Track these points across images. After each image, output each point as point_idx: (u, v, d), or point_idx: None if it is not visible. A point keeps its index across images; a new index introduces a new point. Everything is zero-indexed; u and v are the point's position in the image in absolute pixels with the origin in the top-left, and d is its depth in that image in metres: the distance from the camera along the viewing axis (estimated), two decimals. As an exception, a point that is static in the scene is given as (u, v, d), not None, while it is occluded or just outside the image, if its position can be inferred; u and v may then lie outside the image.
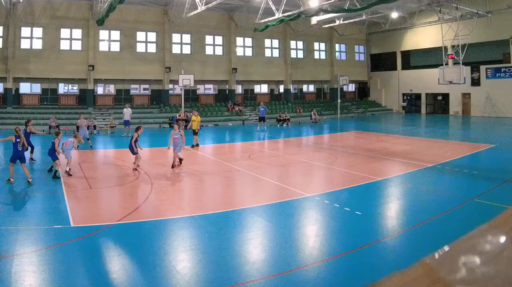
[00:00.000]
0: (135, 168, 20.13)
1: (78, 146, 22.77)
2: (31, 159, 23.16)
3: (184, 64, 47.99)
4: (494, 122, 46.12)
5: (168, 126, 43.48)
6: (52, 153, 19.98)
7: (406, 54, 60.67)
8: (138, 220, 13.40)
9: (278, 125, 46.47)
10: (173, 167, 20.78)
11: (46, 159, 22.52)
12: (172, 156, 21.98)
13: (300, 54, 60.08)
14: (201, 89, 55.36)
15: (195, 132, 29.52)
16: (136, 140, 20.50)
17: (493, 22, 47.77)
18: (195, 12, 40.18)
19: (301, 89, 63.06)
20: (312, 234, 12.42)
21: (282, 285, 9.15)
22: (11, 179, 17.70)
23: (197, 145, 29.38)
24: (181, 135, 21.94)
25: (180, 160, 22.37)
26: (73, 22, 46.18)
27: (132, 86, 51.48)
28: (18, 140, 18.29)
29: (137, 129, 21.21)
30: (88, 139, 28.78)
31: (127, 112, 37.60)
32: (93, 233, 11.97)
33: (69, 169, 20.12)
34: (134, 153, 20.36)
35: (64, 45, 46.56)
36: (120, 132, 37.41)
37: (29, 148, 23.14)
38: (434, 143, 31.43)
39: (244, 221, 13.57)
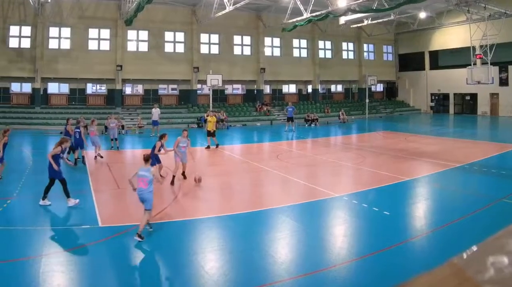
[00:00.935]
0: (184, 176, 18.99)
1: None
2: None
3: (212, 64, 47.82)
4: (523, 123, 45.77)
5: (196, 126, 43.74)
6: (80, 142, 22.20)
7: (434, 54, 60.22)
8: (166, 220, 13.45)
9: (306, 125, 46.33)
10: (172, 183, 17.76)
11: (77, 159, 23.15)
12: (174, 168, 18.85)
13: (328, 54, 59.80)
14: (229, 89, 55.23)
15: (210, 133, 29.20)
16: (159, 150, 18.18)
17: (522, 22, 47.32)
18: (223, 12, 40.03)
19: (329, 89, 62.74)
20: (340, 234, 12.47)
21: (310, 285, 9.18)
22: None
23: (217, 145, 28.99)
24: (187, 144, 19.55)
25: (184, 173, 19.35)
26: (101, 22, 46.41)
27: (160, 86, 51.51)
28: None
29: (161, 137, 18.53)
30: (116, 139, 28.42)
31: (156, 112, 37.57)
32: (121, 233, 12.05)
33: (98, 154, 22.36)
34: (156, 162, 17.82)
35: (92, 45, 46.76)
36: (148, 132, 37.47)
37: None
38: (462, 143, 31.28)
39: (272, 221, 13.62)
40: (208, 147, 28.82)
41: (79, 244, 11.26)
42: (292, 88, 59.41)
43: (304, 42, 57.29)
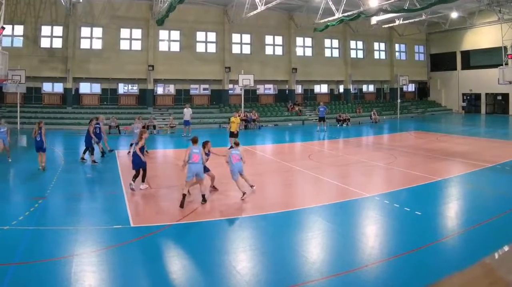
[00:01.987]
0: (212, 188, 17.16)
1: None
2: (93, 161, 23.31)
3: (244, 64, 48.00)
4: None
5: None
6: (100, 137, 23.51)
7: (466, 54, 59.70)
8: (198, 220, 13.50)
9: (338, 125, 46.27)
10: (181, 205, 14.46)
11: (107, 159, 23.52)
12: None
13: (360, 54, 59.73)
14: (261, 89, 55.41)
15: (233, 134, 28.58)
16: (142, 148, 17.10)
17: (554, 22, 46.81)
18: (255, 12, 40.12)
19: (361, 89, 62.69)
20: (372, 234, 12.48)
21: (341, 285, 9.16)
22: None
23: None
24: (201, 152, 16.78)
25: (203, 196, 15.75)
26: (133, 22, 46.80)
27: (192, 86, 51.69)
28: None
29: (204, 145, 16.53)
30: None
31: (187, 112, 37.55)
32: (153, 233, 12.14)
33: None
34: (140, 164, 16.65)
35: (124, 45, 47.24)
36: (180, 132, 37.38)
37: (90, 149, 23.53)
38: (494, 143, 31.10)
39: (304, 221, 13.57)
40: (230, 148, 28.36)
41: (110, 244, 11.26)
42: (324, 88, 59.33)
43: (335, 42, 57.27)
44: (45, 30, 44.85)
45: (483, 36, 55.03)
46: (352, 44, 58.48)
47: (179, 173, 18.71)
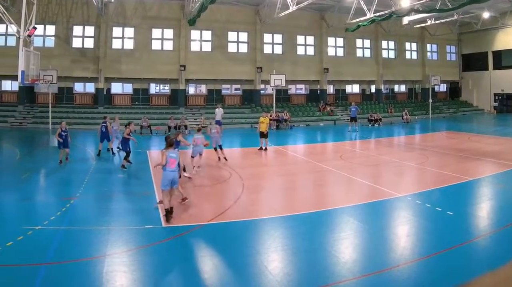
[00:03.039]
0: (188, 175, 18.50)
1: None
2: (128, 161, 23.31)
3: (275, 64, 48.21)
4: None
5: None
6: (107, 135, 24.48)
7: (498, 54, 59.09)
8: (230, 220, 13.58)
9: (370, 125, 46.27)
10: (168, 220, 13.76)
11: (139, 160, 23.68)
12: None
13: (392, 54, 59.53)
14: (292, 89, 55.49)
15: (263, 135, 28.63)
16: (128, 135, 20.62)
17: None
18: (286, 12, 40.00)
19: (393, 89, 62.55)
20: (404, 234, 12.47)
21: (373, 285, 9.20)
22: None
23: (266, 148, 28.59)
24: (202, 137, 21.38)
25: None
26: (164, 22, 47.02)
27: (224, 86, 51.89)
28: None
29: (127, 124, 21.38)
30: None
31: (219, 112, 38.02)
32: (185, 233, 12.27)
33: None
34: (126, 149, 20.16)
35: (156, 45, 47.47)
36: None
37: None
38: (527, 143, 30.98)
39: (335, 221, 13.66)
40: (260, 149, 28.51)
41: (142, 245, 11.40)
42: (355, 88, 59.29)
43: (367, 42, 57.10)
44: (77, 30, 45.36)
45: (515, 36, 54.80)
46: (384, 44, 58.27)
47: (210, 173, 18.83)
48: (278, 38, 52.10)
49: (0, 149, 28.86)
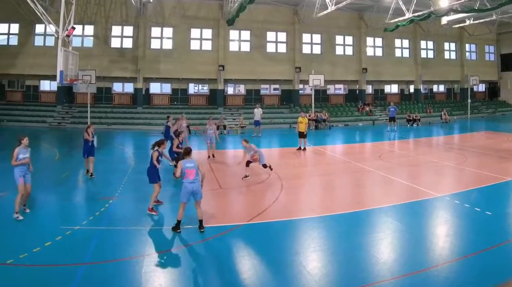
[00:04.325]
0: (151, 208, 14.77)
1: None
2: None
3: (314, 64, 48.19)
4: None
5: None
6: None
7: (537, 54, 58.79)
8: (268, 220, 13.68)
9: (408, 125, 46.28)
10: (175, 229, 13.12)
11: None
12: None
13: (430, 54, 59.18)
14: (331, 89, 55.51)
15: (302, 135, 29.11)
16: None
17: None
18: (325, 12, 40.15)
19: (431, 89, 62.17)
20: (442, 234, 12.53)
21: (412, 285, 9.27)
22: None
23: (304, 148, 28.69)
24: (214, 129, 26.03)
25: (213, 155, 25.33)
26: (203, 22, 47.38)
27: (262, 86, 51.98)
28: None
29: (159, 144, 14.88)
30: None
31: (258, 112, 38.09)
32: (223, 233, 12.39)
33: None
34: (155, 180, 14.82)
35: (194, 45, 47.83)
36: (251, 133, 37.74)
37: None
38: None
39: (374, 221, 13.77)
40: (299, 149, 28.59)
41: (181, 244, 11.58)
42: (394, 88, 59.13)
43: (406, 42, 56.90)
44: (116, 30, 46.03)
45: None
46: (423, 44, 57.93)
47: (250, 173, 18.88)
48: (317, 38, 52.17)
49: (39, 149, 28.62)
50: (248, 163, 19.11)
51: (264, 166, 19.02)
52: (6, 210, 14.11)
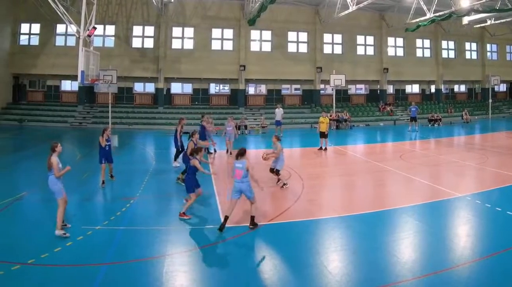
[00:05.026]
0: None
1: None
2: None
3: (335, 64, 48.04)
4: None
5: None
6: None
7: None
8: (289, 220, 13.79)
9: (429, 125, 46.26)
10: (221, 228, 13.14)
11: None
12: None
13: (451, 54, 58.91)
14: (352, 89, 55.60)
15: (323, 135, 29.22)
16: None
17: None
18: (346, 12, 40.31)
19: (452, 89, 62.01)
20: (463, 234, 12.58)
21: (433, 285, 9.25)
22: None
23: (325, 148, 28.85)
24: (233, 127, 27.41)
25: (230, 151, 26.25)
26: (224, 22, 47.62)
27: (283, 86, 52.12)
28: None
29: (197, 151, 14.80)
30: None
31: (279, 112, 38.28)
32: (245, 233, 12.48)
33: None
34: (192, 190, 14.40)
35: (215, 45, 48.11)
36: (272, 133, 36.71)
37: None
38: None
39: (395, 221, 13.86)
40: (320, 148, 28.74)
41: (202, 244, 11.67)
42: (415, 88, 59.02)
43: (427, 42, 56.71)
44: (137, 30, 46.41)
45: None
46: (444, 44, 57.76)
47: (270, 173, 18.83)
48: (338, 38, 52.18)
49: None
50: (277, 172, 18.57)
51: (272, 170, 18.62)
52: (27, 209, 14.52)
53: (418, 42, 56.08)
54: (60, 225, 11.91)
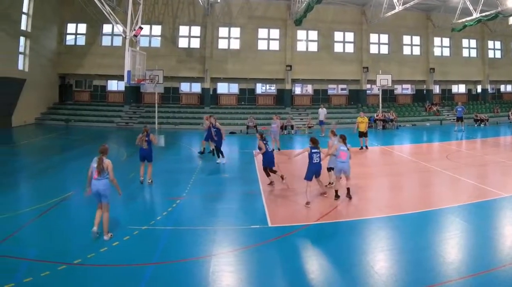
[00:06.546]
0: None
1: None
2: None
3: (381, 64, 48.13)
4: None
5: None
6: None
7: None
8: (335, 220, 13.90)
9: (476, 125, 46.03)
10: (337, 197, 15.74)
11: (244, 160, 24.57)
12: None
13: (498, 54, 58.22)
14: (398, 89, 55.54)
15: (362, 134, 29.69)
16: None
17: None
18: (392, 12, 40.50)
19: (499, 89, 61.22)
20: (510, 234, 12.58)
21: (479, 285, 9.22)
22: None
23: (366, 147, 29.51)
24: (278, 125, 28.73)
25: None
26: (270, 22, 47.84)
27: (330, 86, 52.34)
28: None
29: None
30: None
31: (322, 112, 38.57)
32: (291, 233, 12.52)
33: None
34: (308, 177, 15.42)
35: (262, 45, 48.39)
36: (318, 133, 37.47)
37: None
38: None
39: (441, 221, 13.80)
40: (361, 148, 28.97)
41: (248, 244, 11.70)
42: (461, 88, 58.68)
43: (473, 42, 56.21)
44: (183, 30, 46.88)
45: None
46: (490, 44, 57.14)
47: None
48: (384, 38, 52.22)
49: (107, 148, 29.52)
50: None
51: (329, 170, 17.92)
52: (74, 209, 14.88)
53: (464, 42, 55.63)
54: (107, 229, 11.84)
